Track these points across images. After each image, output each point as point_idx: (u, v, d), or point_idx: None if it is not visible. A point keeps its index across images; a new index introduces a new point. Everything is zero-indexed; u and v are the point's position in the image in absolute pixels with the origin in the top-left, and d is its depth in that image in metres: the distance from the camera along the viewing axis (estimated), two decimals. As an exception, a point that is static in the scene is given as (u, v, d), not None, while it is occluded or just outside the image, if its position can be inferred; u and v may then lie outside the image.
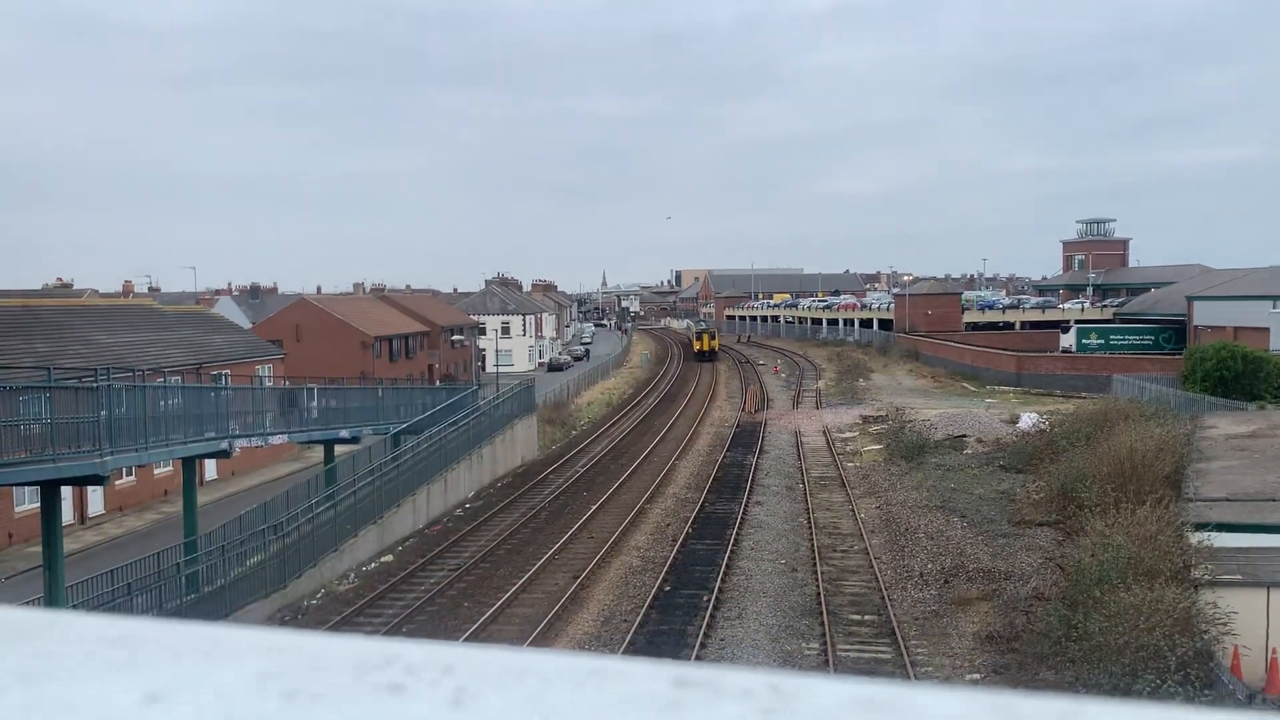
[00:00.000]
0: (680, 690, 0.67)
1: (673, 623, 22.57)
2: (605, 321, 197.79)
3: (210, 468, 41.59)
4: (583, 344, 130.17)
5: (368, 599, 25.28)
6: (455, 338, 79.62)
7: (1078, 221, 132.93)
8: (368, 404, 38.83)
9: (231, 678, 0.72)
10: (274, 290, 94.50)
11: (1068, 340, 78.45)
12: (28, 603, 19.79)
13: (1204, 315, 69.98)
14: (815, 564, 26.55)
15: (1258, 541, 19.58)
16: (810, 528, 30.43)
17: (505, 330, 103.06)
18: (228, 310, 74.80)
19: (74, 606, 20.14)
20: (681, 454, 43.87)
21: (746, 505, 33.55)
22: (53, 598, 19.77)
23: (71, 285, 74.72)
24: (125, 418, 21.57)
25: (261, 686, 0.70)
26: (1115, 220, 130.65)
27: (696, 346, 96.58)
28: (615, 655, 0.75)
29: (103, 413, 20.37)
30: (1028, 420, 44.31)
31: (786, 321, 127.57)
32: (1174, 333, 72.86)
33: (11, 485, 28.12)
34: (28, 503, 33.20)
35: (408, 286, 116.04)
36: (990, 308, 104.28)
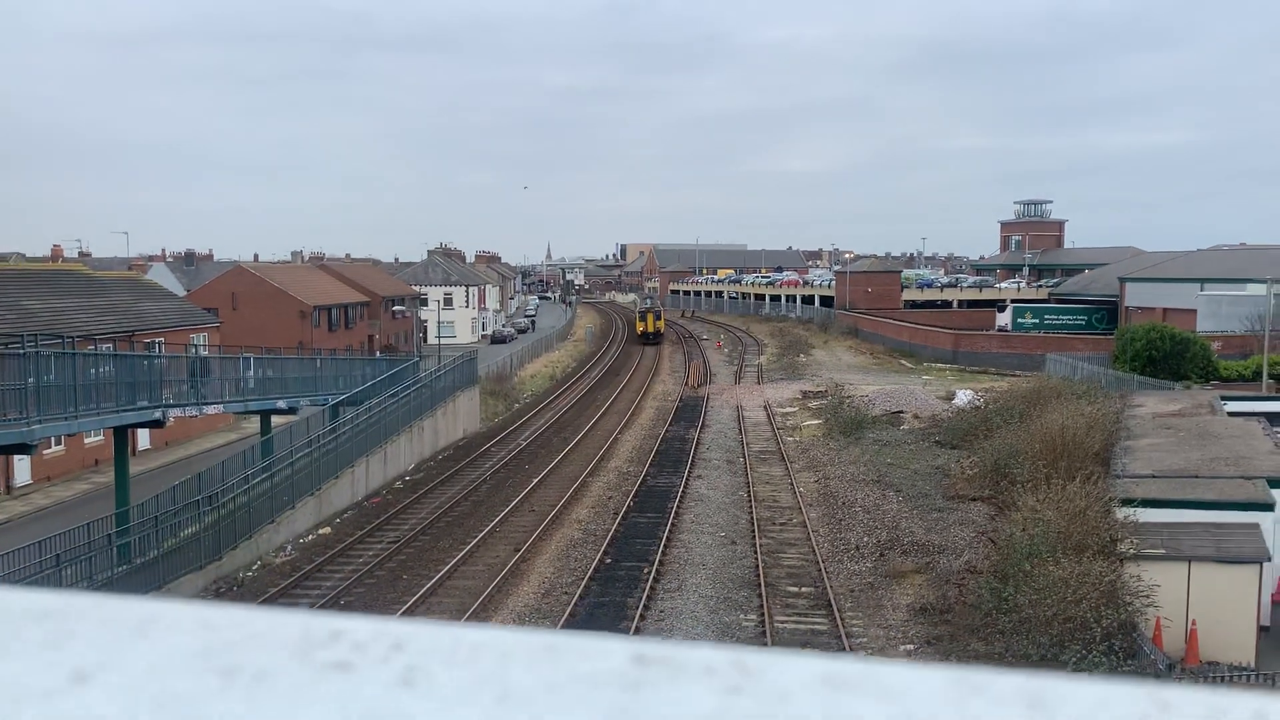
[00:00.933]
0: (640, 668, 0.65)
1: (613, 595, 22.69)
2: (550, 294, 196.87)
3: (143, 437, 40.72)
4: (527, 316, 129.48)
5: (305, 571, 25.03)
6: (396, 308, 78.72)
7: (1015, 202, 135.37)
8: (306, 374, 38.29)
9: (166, 654, 0.68)
10: (210, 257, 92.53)
11: (1004, 319, 79.92)
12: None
13: (1135, 296, 71.74)
14: (754, 537, 26.84)
15: (1180, 517, 20.21)
16: (750, 501, 30.75)
17: (448, 301, 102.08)
18: (161, 277, 73.06)
19: (1, 578, 19.66)
20: (624, 428, 43.97)
21: (688, 479, 33.78)
22: (-23, 569, 19.27)
23: (-3, 249, 72.35)
24: (54, 385, 21.02)
25: (199, 663, 0.66)
26: (1052, 202, 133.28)
27: (640, 328, 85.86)
28: (571, 631, 0.74)
29: (30, 380, 19.82)
30: (963, 397, 45.11)
31: (730, 297, 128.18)
32: (1106, 313, 74.58)
33: (-67, 454, 27.28)
34: (-49, 472, 32.24)
35: (348, 256, 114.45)
36: (929, 286, 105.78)
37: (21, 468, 36.42)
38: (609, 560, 25.16)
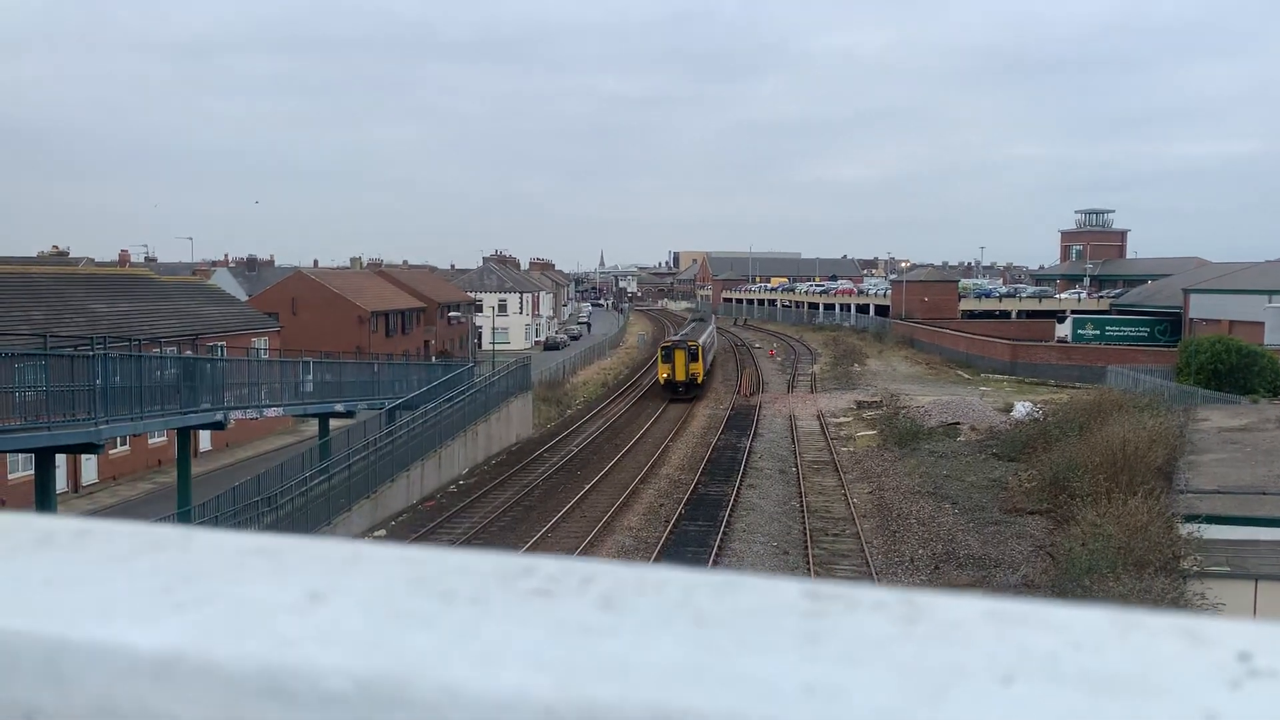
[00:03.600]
0: (816, 602, 0.69)
1: (664, 603, 22.67)
2: (602, 301, 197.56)
3: (205, 439, 41.59)
4: (580, 323, 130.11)
5: (360, 573, 25.34)
6: (452, 314, 79.53)
7: (1076, 212, 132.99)
8: (363, 379, 38.84)
9: (384, 582, 0.74)
10: (271, 263, 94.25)
11: (1063, 330, 78.56)
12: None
13: (1200, 308, 70.09)
14: (807, 547, 26.66)
15: (1246, 534, 19.71)
16: (803, 511, 30.55)
17: (502, 308, 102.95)
18: (224, 282, 74.60)
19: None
20: (676, 435, 43.95)
21: (740, 488, 33.65)
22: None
23: (68, 254, 74.43)
24: (120, 387, 21.56)
25: (417, 588, 0.72)
26: (1114, 211, 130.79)
27: (663, 374, 55.05)
28: (743, 570, 0.75)
29: (98, 381, 20.36)
30: (1021, 409, 44.43)
31: (784, 305, 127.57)
32: (1169, 325, 72.97)
33: (5, 452, 28.09)
34: (21, 470, 33.19)
35: (405, 262, 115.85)
36: (987, 296, 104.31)
37: (89, 467, 37.39)
38: (660, 568, 25.14)
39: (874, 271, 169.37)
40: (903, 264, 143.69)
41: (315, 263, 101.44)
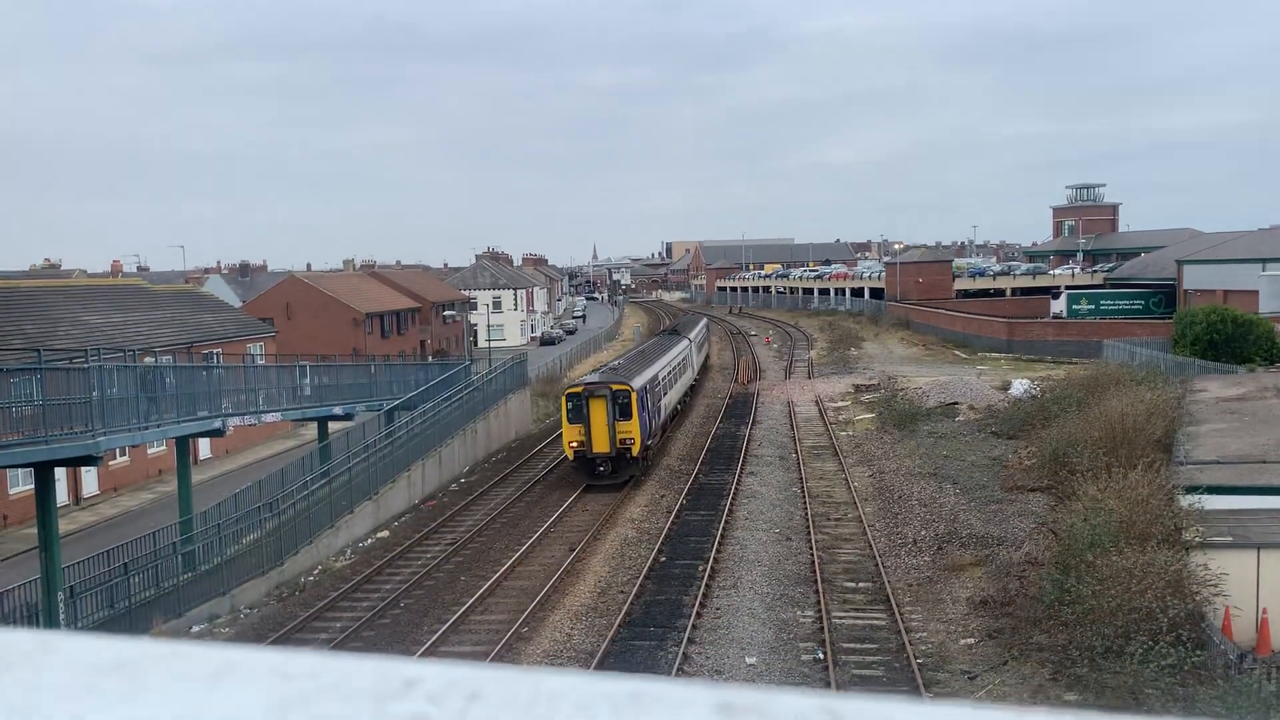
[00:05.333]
0: (727, 716, 0.63)
1: (669, 593, 22.70)
2: (596, 295, 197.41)
3: (204, 446, 41.54)
4: (575, 317, 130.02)
5: (364, 575, 25.36)
6: (447, 313, 79.45)
7: (1068, 187, 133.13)
8: (360, 381, 38.78)
9: (242, 710, 0.67)
10: (263, 268, 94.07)
11: (1058, 306, 78.56)
12: (27, 583, 19.82)
13: (1194, 279, 70.12)
14: (809, 532, 26.69)
15: (1248, 503, 19.71)
16: (804, 497, 30.57)
17: (496, 305, 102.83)
18: (217, 289, 74.46)
19: (71, 587, 20.18)
20: (675, 426, 43.96)
21: (740, 475, 33.66)
22: (49, 578, 19.79)
23: (59, 266, 74.17)
24: (117, 398, 21.52)
25: (277, 718, 0.66)
26: (1105, 185, 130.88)
27: (571, 442, 32.81)
28: (651, 677, 0.72)
29: (94, 393, 20.31)
30: (1019, 387, 44.43)
31: (778, 292, 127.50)
32: (1164, 297, 73.02)
33: (4, 467, 28.06)
34: (21, 484, 33.15)
35: (398, 262, 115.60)
36: (981, 275, 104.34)
37: (89, 479, 37.35)
38: (664, 558, 25.17)
39: (867, 254, 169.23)
40: (896, 246, 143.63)
41: (308, 266, 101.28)
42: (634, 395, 32.28)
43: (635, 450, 32.40)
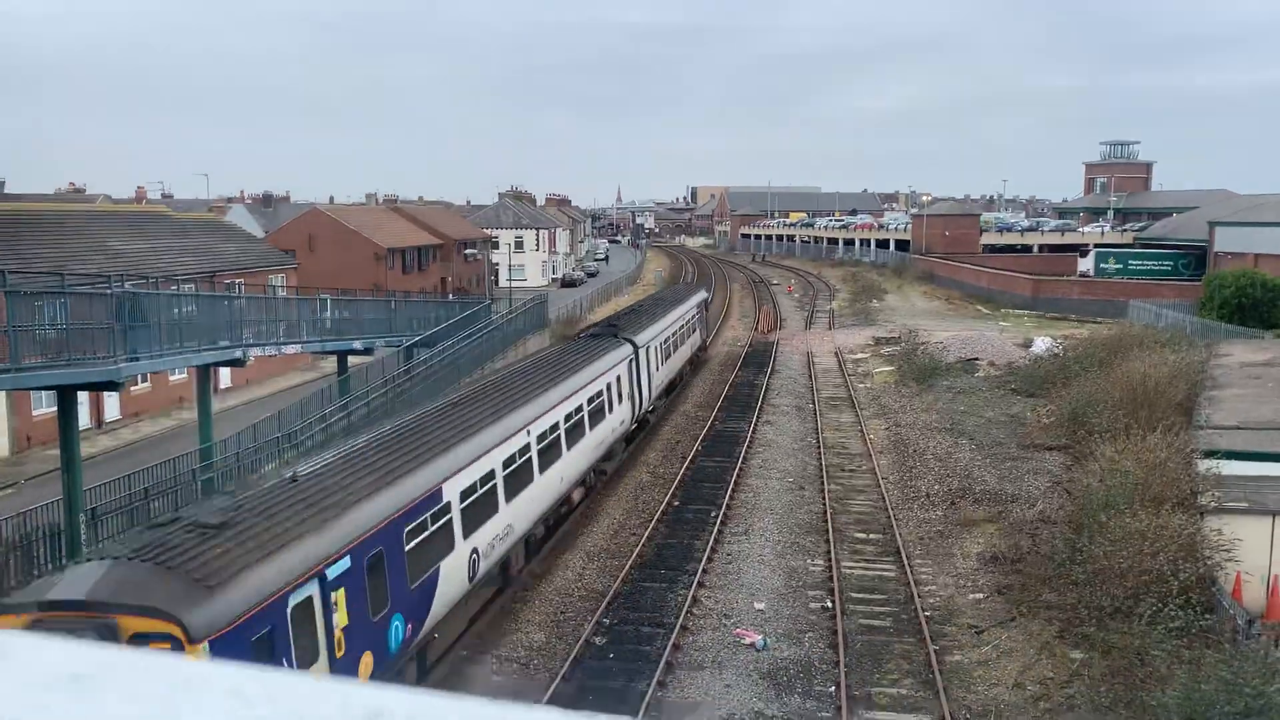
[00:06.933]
0: None
1: (681, 537, 22.86)
2: (619, 238, 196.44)
3: (225, 376, 41.85)
4: (596, 260, 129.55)
5: (380, 508, 25.59)
6: (468, 251, 79.30)
7: (1101, 143, 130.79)
8: (380, 316, 38.84)
9: None
10: (287, 199, 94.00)
11: (1086, 264, 77.66)
12: (50, 503, 20.13)
13: (1225, 241, 68.99)
14: (823, 482, 26.75)
15: (1266, 470, 19.59)
16: (819, 447, 30.60)
17: (519, 244, 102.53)
18: (240, 219, 74.50)
19: (92, 510, 20.49)
20: (693, 372, 43.95)
21: (756, 424, 33.70)
22: (71, 500, 20.10)
23: (84, 191, 74.32)
24: (141, 324, 21.64)
25: None
26: (1139, 142, 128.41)
27: None
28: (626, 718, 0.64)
29: (117, 319, 20.43)
30: (1041, 344, 44.12)
31: (803, 241, 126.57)
32: (1194, 259, 71.97)
33: (28, 389, 28.37)
34: (45, 406, 33.55)
35: (420, 198, 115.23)
36: (1009, 230, 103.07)
37: (111, 404, 37.76)
38: (677, 503, 25.31)
39: (895, 206, 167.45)
40: (924, 198, 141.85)
41: (331, 199, 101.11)
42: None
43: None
